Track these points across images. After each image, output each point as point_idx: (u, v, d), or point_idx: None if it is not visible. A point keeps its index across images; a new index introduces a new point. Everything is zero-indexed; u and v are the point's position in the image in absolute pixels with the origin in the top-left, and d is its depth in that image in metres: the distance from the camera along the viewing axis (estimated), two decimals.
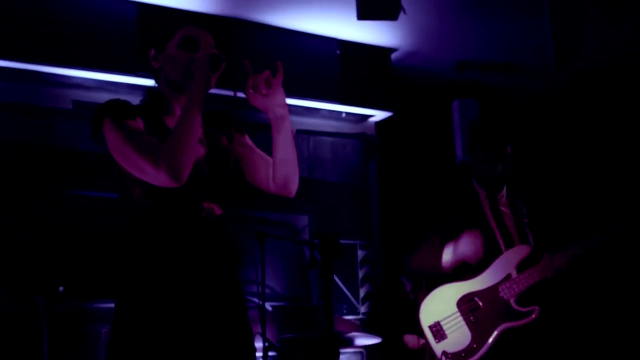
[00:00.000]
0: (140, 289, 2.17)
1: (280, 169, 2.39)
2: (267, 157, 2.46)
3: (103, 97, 4.83)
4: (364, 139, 6.03)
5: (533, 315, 3.33)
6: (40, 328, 3.90)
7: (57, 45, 4.64)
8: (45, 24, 4.63)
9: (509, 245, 3.47)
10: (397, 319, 4.94)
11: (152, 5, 5.00)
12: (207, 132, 2.37)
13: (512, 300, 3.36)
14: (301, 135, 5.69)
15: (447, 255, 3.44)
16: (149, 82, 3.83)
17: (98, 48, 4.77)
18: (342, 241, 2.35)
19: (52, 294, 4.34)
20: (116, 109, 2.22)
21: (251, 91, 2.36)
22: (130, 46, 4.85)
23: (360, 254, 5.78)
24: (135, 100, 2.38)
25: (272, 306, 5.02)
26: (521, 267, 3.40)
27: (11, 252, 4.42)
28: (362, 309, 5.66)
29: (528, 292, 3.37)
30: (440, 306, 3.46)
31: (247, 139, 2.50)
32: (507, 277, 3.39)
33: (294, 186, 2.43)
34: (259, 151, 2.49)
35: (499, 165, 3.50)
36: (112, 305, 2.23)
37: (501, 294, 3.38)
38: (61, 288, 4.36)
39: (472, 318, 3.39)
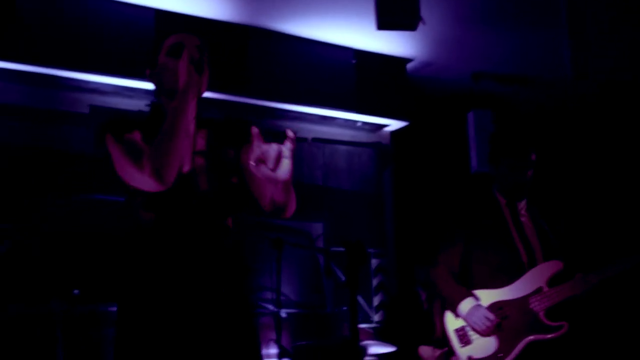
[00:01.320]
0: (136, 299, 2.19)
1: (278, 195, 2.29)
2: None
3: (120, 102, 4.93)
4: (379, 148, 6.03)
5: (562, 331, 3.31)
6: (55, 330, 3.91)
7: (76, 50, 4.67)
8: (63, 28, 4.65)
9: (530, 255, 3.45)
10: (411, 328, 4.91)
11: (170, 12, 5.02)
12: (211, 144, 2.35)
13: (541, 314, 3.35)
14: (316, 144, 5.69)
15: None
16: None
17: (116, 53, 4.79)
18: None
19: (67, 297, 4.35)
20: (115, 124, 2.26)
21: (253, 163, 2.15)
22: (148, 52, 4.87)
23: (374, 262, 5.76)
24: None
25: (286, 313, 5.01)
26: (552, 281, 3.39)
27: (28, 256, 4.43)
28: (376, 318, 5.64)
29: (558, 307, 3.36)
30: None
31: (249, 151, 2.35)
32: (538, 290, 3.38)
33: (290, 210, 2.37)
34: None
35: (527, 172, 3.50)
36: None
37: (531, 306, 3.36)
38: (76, 291, 4.36)
39: (499, 326, 3.38)
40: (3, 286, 4.30)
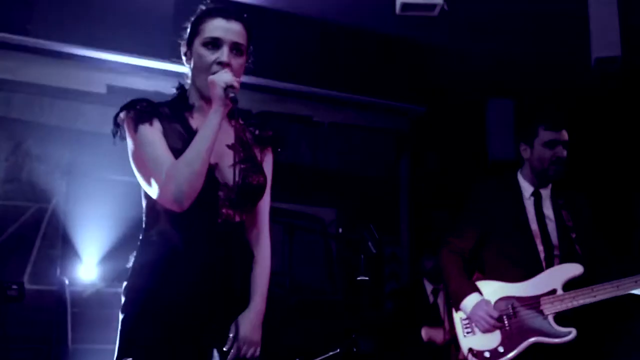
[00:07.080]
0: (146, 286, 2.15)
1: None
2: (262, 205, 2.35)
3: (137, 82, 4.92)
4: (397, 134, 5.98)
5: (569, 337, 3.25)
6: (65, 307, 3.94)
7: (93, 28, 4.67)
8: (82, 6, 4.65)
9: (548, 251, 3.36)
10: (417, 318, 4.88)
11: None
12: (242, 141, 2.32)
13: (550, 317, 3.27)
14: (333, 129, 5.66)
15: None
16: (184, 69, 3.79)
17: (134, 33, 4.79)
18: None
19: (77, 276, 4.39)
20: (136, 111, 2.19)
21: None
22: (166, 32, 4.85)
23: (386, 250, 5.73)
24: (168, 86, 2.37)
25: (296, 298, 5.00)
26: (568, 285, 3.31)
27: (39, 234, 4.47)
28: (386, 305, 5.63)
29: (569, 312, 3.27)
30: None
31: (267, 157, 2.41)
32: (552, 292, 3.29)
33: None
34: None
35: (564, 150, 3.38)
36: None
37: (542, 307, 3.28)
38: (88, 269, 4.41)
39: (506, 322, 3.34)
40: (20, 263, 4.35)
